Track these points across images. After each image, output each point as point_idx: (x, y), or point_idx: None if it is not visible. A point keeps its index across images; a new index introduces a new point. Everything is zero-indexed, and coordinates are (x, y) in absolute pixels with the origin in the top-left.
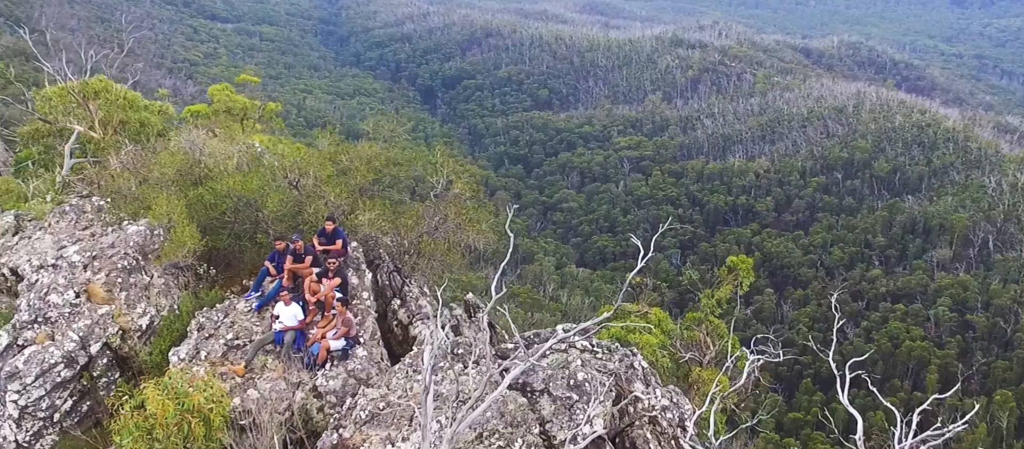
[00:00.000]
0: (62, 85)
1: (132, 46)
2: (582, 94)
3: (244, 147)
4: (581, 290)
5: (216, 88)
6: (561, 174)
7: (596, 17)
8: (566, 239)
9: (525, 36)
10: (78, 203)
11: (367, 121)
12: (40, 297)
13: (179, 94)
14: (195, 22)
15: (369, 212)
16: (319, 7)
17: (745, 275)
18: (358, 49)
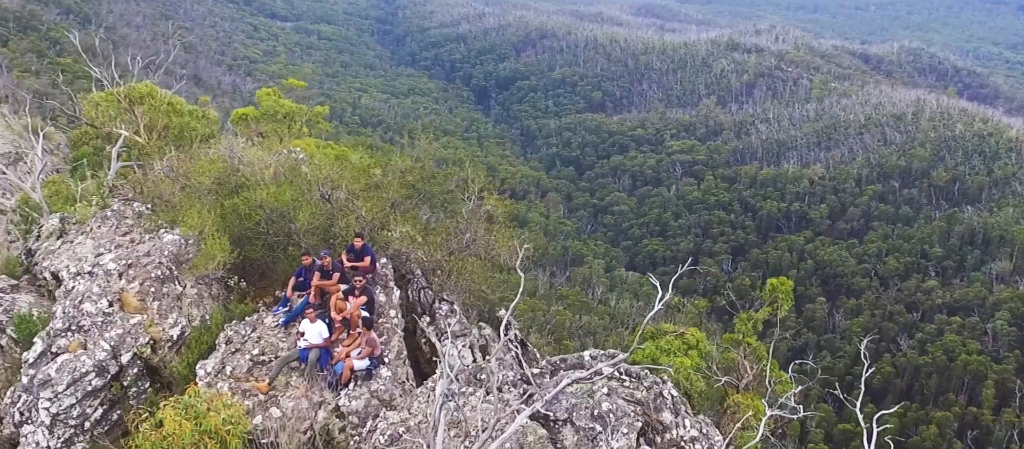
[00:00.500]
0: (108, 90)
1: (194, 43)
2: (636, 97)
3: (282, 156)
4: (630, 294)
5: (264, 92)
6: (613, 177)
7: (651, 20)
8: (616, 242)
9: (580, 38)
10: (119, 208)
11: (408, 135)
12: (74, 305)
13: (238, 91)
14: (255, 20)
15: (401, 227)
16: (376, 6)
17: (784, 298)
18: (414, 49)
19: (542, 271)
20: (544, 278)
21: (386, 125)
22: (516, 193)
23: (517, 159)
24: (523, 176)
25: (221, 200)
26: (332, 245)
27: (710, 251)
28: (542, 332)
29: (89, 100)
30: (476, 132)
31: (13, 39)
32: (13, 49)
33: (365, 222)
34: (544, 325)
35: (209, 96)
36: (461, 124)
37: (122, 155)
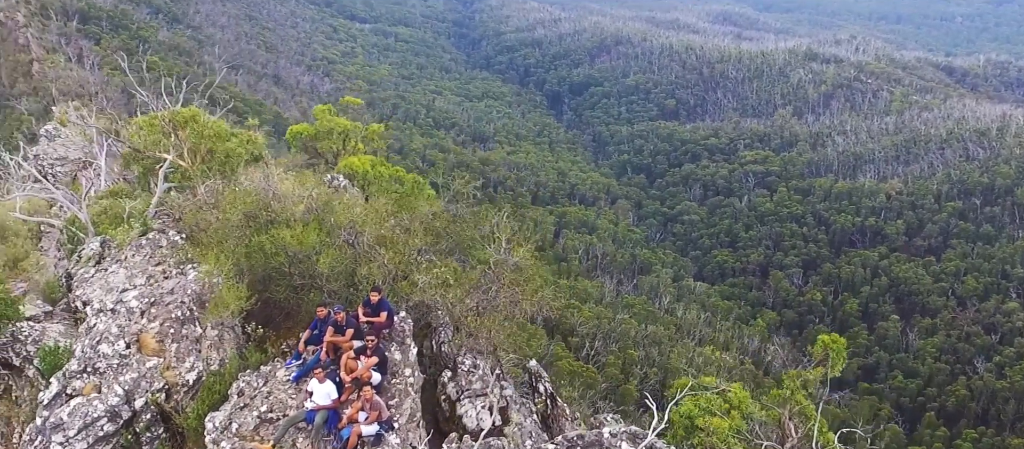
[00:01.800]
0: (152, 114)
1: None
2: (710, 106)
3: (315, 191)
4: (697, 305)
5: (320, 109)
6: (684, 186)
7: (729, 28)
8: (685, 252)
9: (655, 45)
10: (154, 237)
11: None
12: (92, 345)
13: (316, 90)
14: (335, 21)
15: (424, 275)
16: (454, 10)
17: (837, 357)
18: (489, 52)
19: (609, 278)
20: (611, 285)
21: (459, 128)
22: (586, 199)
23: (588, 165)
24: (593, 182)
25: (249, 236)
26: (356, 291)
27: (781, 264)
28: (607, 340)
29: (133, 123)
30: (548, 137)
31: (105, 37)
32: (105, 47)
33: (387, 271)
34: (609, 333)
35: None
36: (533, 129)
37: (169, 176)
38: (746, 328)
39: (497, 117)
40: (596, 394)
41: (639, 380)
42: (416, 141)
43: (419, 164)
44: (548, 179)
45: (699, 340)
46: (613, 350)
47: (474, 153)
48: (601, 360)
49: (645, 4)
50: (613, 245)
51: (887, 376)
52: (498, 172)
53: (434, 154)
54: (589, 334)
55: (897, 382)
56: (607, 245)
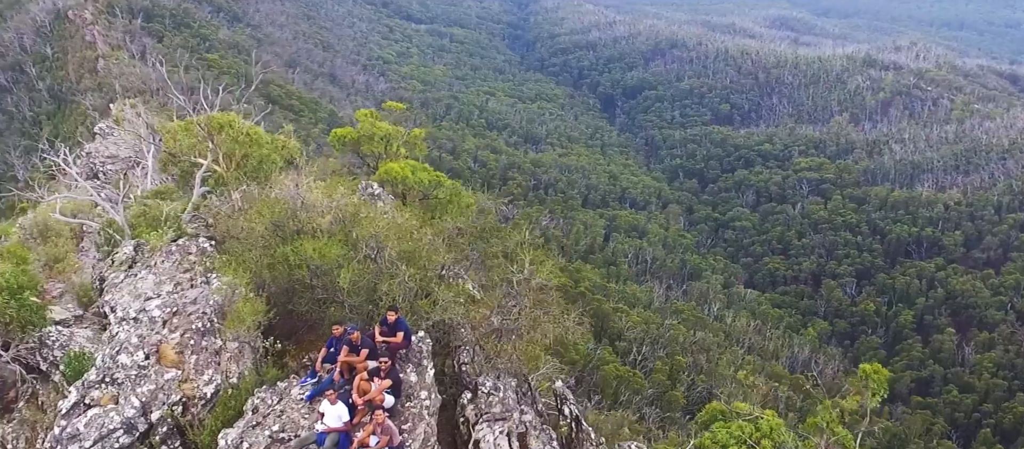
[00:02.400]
0: (188, 119)
1: (332, 42)
2: (764, 111)
3: (344, 201)
4: (747, 312)
5: (362, 113)
6: (736, 191)
7: (785, 32)
8: (736, 258)
9: (710, 49)
10: (184, 243)
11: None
12: (111, 356)
13: (370, 90)
14: (391, 22)
15: (445, 294)
16: (509, 12)
17: (877, 387)
18: (543, 54)
19: (658, 283)
20: (660, 290)
21: (511, 129)
22: (637, 203)
23: (640, 169)
24: (645, 186)
25: (275, 247)
26: (376, 307)
27: (833, 273)
28: (655, 345)
29: (169, 129)
30: (600, 140)
31: (168, 35)
32: (167, 44)
33: (408, 289)
34: (657, 338)
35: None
36: (585, 131)
37: (205, 180)
38: (796, 337)
39: (549, 119)
40: (642, 400)
41: (686, 387)
42: (469, 142)
43: (470, 165)
44: (599, 182)
45: (748, 348)
46: (661, 356)
47: (526, 155)
48: (648, 365)
49: (701, 8)
50: (663, 250)
51: (941, 390)
52: (549, 174)
53: (486, 155)
54: (637, 339)
55: (952, 397)
56: (657, 250)
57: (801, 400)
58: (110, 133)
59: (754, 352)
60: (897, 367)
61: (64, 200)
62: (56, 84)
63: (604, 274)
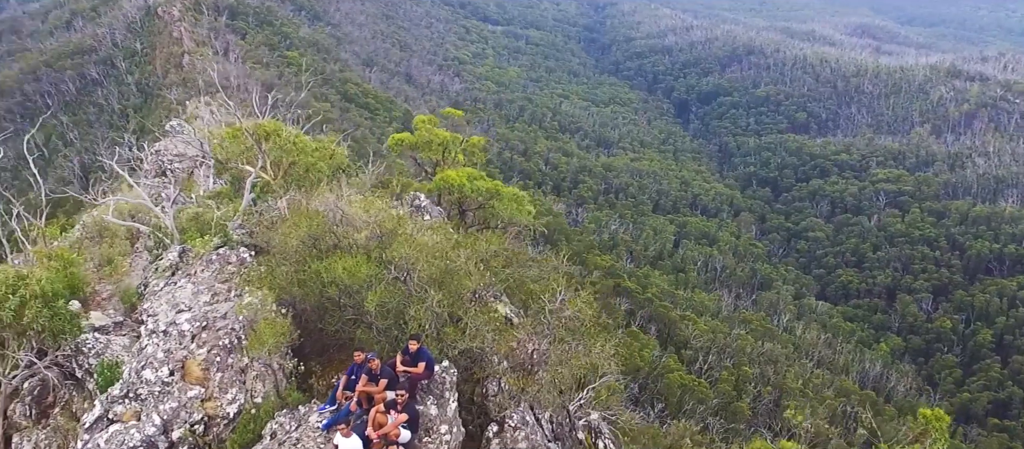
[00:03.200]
0: (236, 126)
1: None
2: (842, 120)
3: (383, 215)
4: (818, 325)
5: (421, 119)
6: (810, 201)
7: (867, 41)
8: (808, 269)
9: (788, 56)
10: (225, 253)
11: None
12: (137, 370)
13: (445, 90)
14: (468, 23)
15: (475, 321)
16: (585, 15)
17: (939, 437)
18: (618, 58)
19: (727, 292)
20: (729, 299)
21: (584, 132)
22: (708, 210)
23: (712, 176)
24: (717, 193)
25: (309, 262)
26: (404, 332)
27: (909, 288)
28: (722, 355)
29: (217, 136)
30: (673, 146)
31: (251, 32)
32: (250, 42)
33: (436, 315)
34: (724, 348)
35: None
36: (658, 136)
37: (253, 186)
38: (868, 352)
39: (622, 123)
40: (707, 410)
41: (752, 398)
42: (540, 144)
43: (541, 167)
44: (670, 188)
45: (817, 361)
46: (727, 366)
47: (597, 158)
48: (714, 375)
49: (781, 14)
50: (733, 258)
51: (1021, 413)
52: (620, 178)
53: (557, 158)
54: (703, 347)
55: None
56: (727, 258)
57: (871, 416)
58: (180, 131)
59: (823, 366)
60: (974, 387)
61: (123, 199)
62: (144, 78)
63: (672, 281)
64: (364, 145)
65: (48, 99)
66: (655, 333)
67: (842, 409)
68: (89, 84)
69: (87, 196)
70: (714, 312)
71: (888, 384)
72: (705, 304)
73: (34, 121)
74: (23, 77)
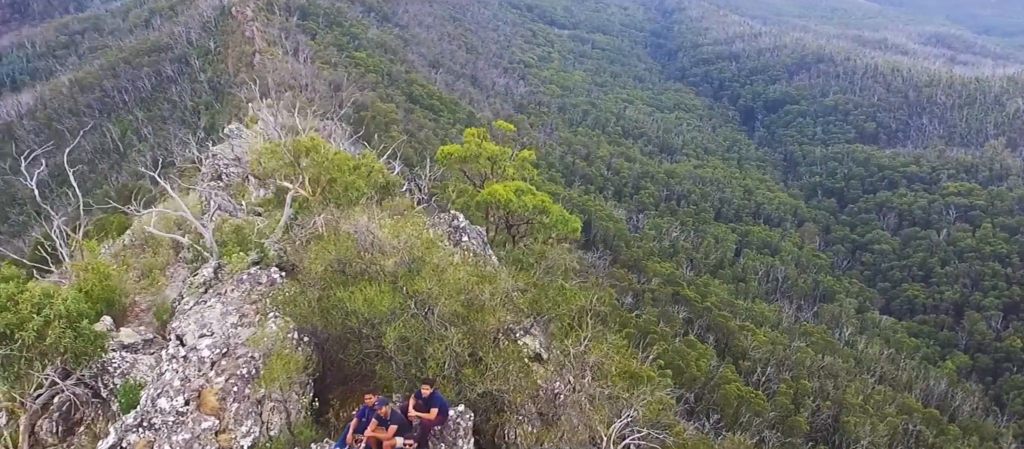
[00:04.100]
0: (274, 142)
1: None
2: (913, 131)
3: (412, 241)
4: (881, 339)
5: (470, 132)
6: (877, 213)
7: (941, 50)
8: (872, 282)
9: (859, 64)
10: (255, 273)
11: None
12: (152, 397)
13: (510, 93)
14: (535, 26)
15: (497, 362)
16: (652, 20)
17: None
18: (684, 64)
19: (788, 303)
20: (789, 311)
21: (647, 138)
22: (771, 219)
23: (776, 185)
24: (780, 203)
25: (334, 288)
26: (423, 369)
27: (978, 305)
28: (780, 367)
29: (255, 152)
30: (737, 153)
31: (320, 33)
32: (319, 42)
33: (454, 355)
34: (783, 360)
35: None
36: (723, 143)
37: (294, 202)
38: (933, 369)
39: (687, 130)
40: (763, 422)
41: (810, 413)
42: (603, 148)
43: (603, 172)
44: (733, 196)
45: (879, 377)
46: (786, 378)
47: (660, 164)
48: (772, 387)
49: (853, 22)
50: (795, 269)
51: None
52: (683, 185)
53: (620, 163)
54: (762, 359)
55: None
56: (789, 268)
57: (934, 435)
58: (237, 135)
59: (885, 382)
60: None
61: (164, 211)
62: (216, 77)
63: (732, 290)
64: (427, 147)
65: (125, 95)
66: (713, 343)
67: (904, 427)
68: (164, 81)
69: (129, 209)
70: (774, 323)
71: (953, 403)
72: (765, 315)
73: (111, 116)
74: (103, 73)
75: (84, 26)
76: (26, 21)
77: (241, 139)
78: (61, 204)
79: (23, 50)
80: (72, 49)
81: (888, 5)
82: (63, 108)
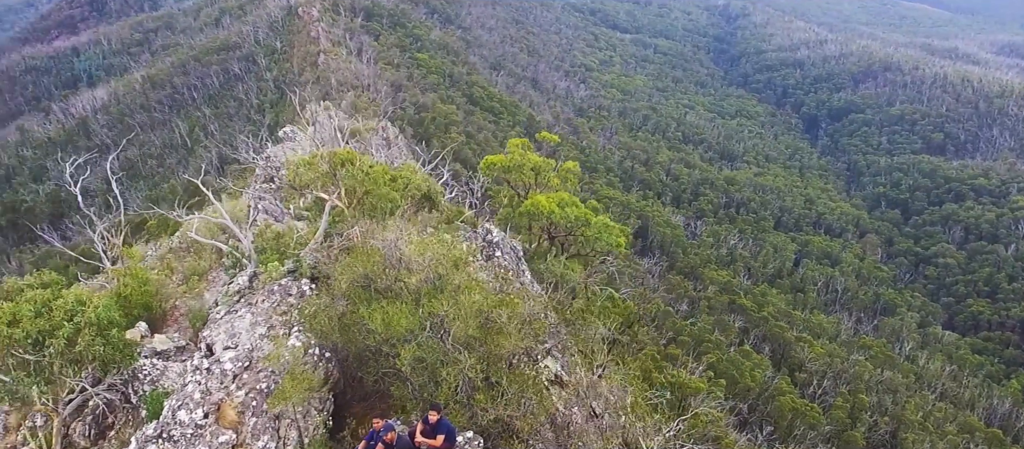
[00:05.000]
0: (312, 154)
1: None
2: (982, 143)
3: (436, 258)
4: (943, 355)
5: (514, 142)
6: (942, 226)
7: (1015, 60)
8: (936, 297)
9: (927, 74)
10: (286, 284)
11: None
12: (173, 409)
13: (570, 96)
14: (597, 30)
15: (513, 387)
16: (716, 25)
17: None
18: (747, 70)
19: (847, 315)
20: (848, 323)
21: (707, 144)
22: (832, 230)
23: (838, 194)
24: (842, 213)
25: (358, 304)
26: (437, 389)
27: None
28: (837, 380)
29: (291, 164)
30: (799, 161)
31: (384, 34)
32: (383, 43)
33: (467, 380)
34: (841, 373)
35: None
36: (784, 151)
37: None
38: (997, 388)
39: (748, 137)
40: (818, 436)
41: (867, 428)
42: (663, 154)
43: (662, 177)
44: (794, 205)
45: (940, 394)
46: (842, 392)
47: (720, 171)
48: (828, 401)
49: (922, 30)
50: (856, 281)
51: None
52: (742, 192)
53: (679, 168)
54: (818, 371)
55: None
56: (850, 280)
57: None
58: (292, 137)
59: (946, 399)
60: None
61: (211, 211)
62: (281, 75)
63: (790, 301)
64: (486, 149)
65: (194, 92)
66: (768, 353)
67: (965, 446)
68: (231, 79)
69: (173, 214)
70: (832, 335)
71: (1018, 423)
72: (823, 326)
73: (180, 112)
74: (174, 70)
75: (158, 24)
76: (103, 19)
77: (294, 142)
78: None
79: (99, 47)
80: (146, 46)
81: (960, 13)
82: (135, 104)
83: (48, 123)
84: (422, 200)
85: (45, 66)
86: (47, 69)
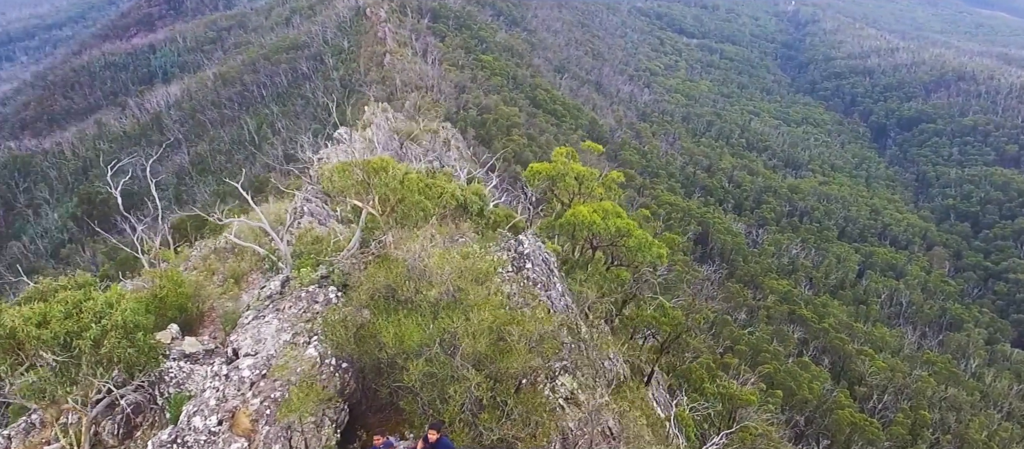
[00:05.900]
0: (346, 161)
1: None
2: None
3: (457, 272)
4: (1011, 374)
5: (559, 151)
6: (1014, 241)
7: None
8: (1005, 313)
9: (1003, 83)
10: (313, 290)
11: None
12: (189, 415)
13: (634, 100)
14: (663, 34)
15: (521, 408)
16: (784, 31)
17: None
18: (814, 77)
19: (912, 329)
20: (912, 337)
21: (771, 152)
22: (898, 241)
23: (906, 206)
24: (909, 224)
25: (378, 316)
26: (445, 406)
27: None
28: (899, 396)
29: (326, 170)
30: (866, 171)
31: (450, 35)
32: (448, 44)
33: (473, 398)
34: (902, 389)
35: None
36: (851, 160)
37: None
38: None
39: (813, 145)
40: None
41: (929, 445)
42: (726, 160)
43: (724, 184)
44: (859, 215)
45: (1007, 413)
46: (904, 408)
47: (784, 179)
48: (888, 416)
49: (999, 39)
50: (921, 294)
51: None
52: (806, 201)
53: (742, 176)
54: (879, 386)
55: None
56: (915, 293)
57: None
58: (345, 139)
59: (1014, 419)
60: None
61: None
62: (348, 75)
63: (852, 313)
64: (548, 152)
65: (263, 90)
66: (827, 366)
67: None
68: (299, 77)
69: (214, 216)
70: (895, 349)
71: None
72: (885, 340)
73: (249, 109)
74: (244, 68)
75: (231, 23)
76: (180, 17)
77: (347, 144)
78: (199, 191)
79: (175, 44)
80: (219, 44)
81: None
82: (206, 100)
83: (124, 117)
84: (458, 209)
85: (123, 62)
86: (125, 65)
